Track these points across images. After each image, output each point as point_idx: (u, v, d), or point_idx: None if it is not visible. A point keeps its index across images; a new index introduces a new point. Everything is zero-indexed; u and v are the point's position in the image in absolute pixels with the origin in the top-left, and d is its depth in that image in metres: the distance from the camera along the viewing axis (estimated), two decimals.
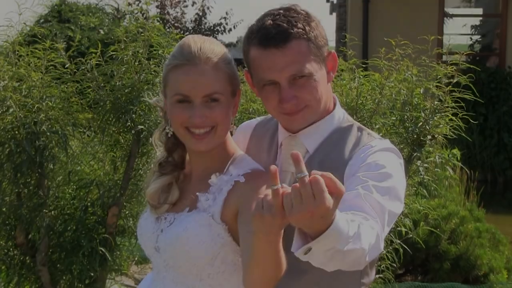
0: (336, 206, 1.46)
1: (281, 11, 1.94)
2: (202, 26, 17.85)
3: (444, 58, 10.14)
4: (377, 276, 3.93)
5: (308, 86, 1.91)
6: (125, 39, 3.59)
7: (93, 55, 3.60)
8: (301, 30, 1.90)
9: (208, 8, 17.93)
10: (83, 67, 3.64)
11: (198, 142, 1.93)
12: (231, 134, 2.09)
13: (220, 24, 17.96)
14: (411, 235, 3.90)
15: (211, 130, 1.93)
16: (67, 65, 3.65)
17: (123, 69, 3.58)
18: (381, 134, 3.55)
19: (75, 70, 3.66)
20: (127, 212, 3.77)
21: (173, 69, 1.93)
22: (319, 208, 1.41)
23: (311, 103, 1.94)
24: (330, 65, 2.00)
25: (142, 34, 3.59)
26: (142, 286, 2.16)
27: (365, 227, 1.61)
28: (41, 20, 11.98)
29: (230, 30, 18.00)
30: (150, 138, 2.64)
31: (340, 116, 2.05)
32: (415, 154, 3.67)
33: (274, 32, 1.89)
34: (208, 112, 1.91)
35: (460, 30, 15.46)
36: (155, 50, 3.62)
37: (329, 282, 1.75)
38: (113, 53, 3.60)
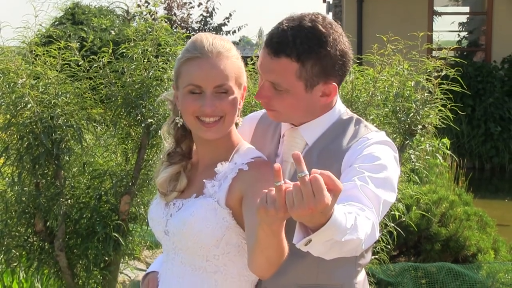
0: (335, 202, 1.48)
1: (290, 25, 1.89)
2: (207, 27, 17.81)
3: (434, 53, 10.10)
4: (373, 257, 3.93)
5: (279, 97, 1.91)
6: (134, 38, 3.59)
7: (105, 53, 3.60)
8: (294, 54, 1.86)
9: (213, 9, 17.90)
10: (96, 65, 3.63)
11: (208, 130, 1.94)
12: (237, 126, 2.09)
13: (224, 25, 17.92)
14: (404, 219, 3.90)
15: (220, 120, 1.94)
16: (80, 63, 3.65)
17: (133, 66, 3.58)
18: (375, 124, 3.54)
19: (88, 68, 3.65)
20: (138, 200, 3.77)
21: (187, 62, 1.95)
22: (318, 205, 1.43)
23: (278, 109, 1.95)
24: (325, 93, 1.95)
25: (150, 33, 3.59)
26: (154, 267, 2.17)
27: (361, 218, 1.61)
28: (56, 23, 11.96)
29: (234, 31, 17.95)
30: (159, 131, 2.65)
31: (341, 110, 2.03)
32: (407, 143, 3.68)
33: (275, 41, 1.88)
34: (218, 103, 1.92)
35: (448, 27, 15.46)
36: (163, 48, 3.61)
37: (328, 263, 1.74)
38: (124, 51, 3.60)
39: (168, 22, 15.16)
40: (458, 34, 15.70)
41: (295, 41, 1.85)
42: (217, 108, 1.92)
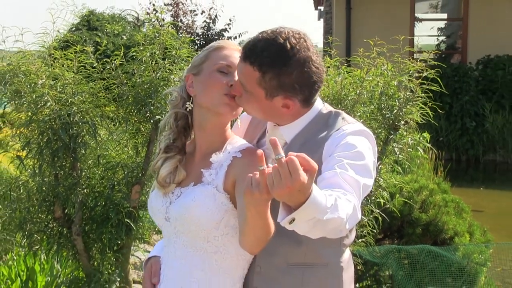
0: (311, 181, 1.48)
1: (266, 37, 1.86)
2: (210, 32, 17.77)
3: (415, 55, 10.10)
4: (360, 240, 3.94)
5: (246, 96, 1.92)
6: (143, 42, 3.58)
7: (117, 56, 3.59)
8: (257, 63, 1.84)
9: (216, 16, 17.85)
10: (109, 67, 3.63)
11: (231, 103, 1.95)
12: (232, 124, 2.11)
13: (225, 30, 17.88)
14: (388, 206, 3.90)
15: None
16: (95, 66, 3.64)
17: (142, 68, 3.57)
18: (362, 120, 3.54)
19: (102, 70, 3.65)
20: (148, 189, 3.76)
21: (218, 49, 2.01)
22: (295, 183, 1.44)
23: (245, 107, 1.98)
24: (286, 105, 1.90)
25: (157, 38, 3.58)
26: (154, 252, 2.15)
27: (342, 201, 1.61)
28: (73, 28, 11.94)
29: (235, 37, 17.90)
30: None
31: (319, 106, 1.99)
32: (391, 137, 3.67)
33: (247, 46, 1.88)
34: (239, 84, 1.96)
35: (428, 32, 15.50)
36: (169, 51, 3.60)
37: (314, 244, 1.74)
38: (134, 54, 3.60)
39: (174, 28, 15.13)
40: (437, 38, 15.74)
41: (262, 53, 1.83)
42: (240, 87, 1.94)
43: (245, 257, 1.95)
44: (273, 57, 1.83)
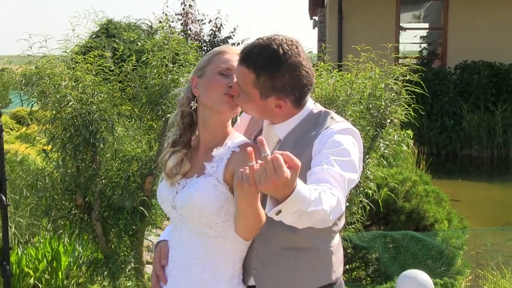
0: (295, 177, 1.47)
1: (261, 43, 1.85)
2: (216, 39, 17.74)
3: (400, 61, 10.09)
4: (350, 226, 3.93)
5: (242, 96, 1.90)
6: (153, 49, 3.57)
7: (131, 61, 3.58)
8: (252, 67, 1.83)
9: (221, 25, 17.83)
10: (125, 70, 3.62)
11: (231, 101, 1.94)
12: (233, 122, 2.09)
13: (229, 37, 17.85)
14: (375, 196, 3.90)
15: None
16: (112, 69, 3.63)
17: (155, 71, 3.56)
18: (352, 118, 3.53)
19: (119, 73, 3.64)
20: (159, 180, 3.76)
21: (219, 54, 1.99)
22: (279, 178, 1.44)
23: (242, 106, 1.95)
24: (278, 105, 1.89)
25: (167, 45, 3.57)
26: (163, 237, 2.15)
27: (327, 194, 1.60)
28: (93, 35, 11.90)
29: (238, 44, 17.87)
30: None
31: (310, 106, 1.96)
32: (378, 134, 3.66)
33: (244, 51, 1.87)
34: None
35: (412, 40, 15.48)
36: (178, 56, 3.59)
37: (306, 230, 1.72)
38: (145, 59, 3.59)
39: (183, 36, 15.10)
40: (420, 46, 15.73)
41: (257, 57, 1.82)
42: (238, 87, 1.93)
43: (244, 241, 1.94)
44: (267, 61, 1.82)
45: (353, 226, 3.94)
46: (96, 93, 3.51)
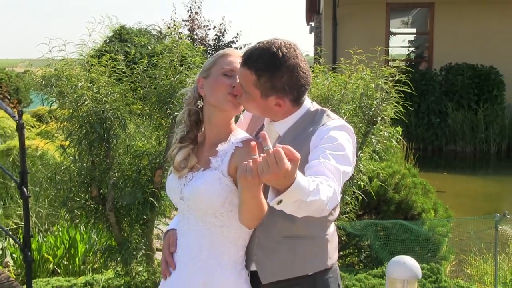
0: (295, 168, 1.47)
1: (262, 46, 1.83)
2: (220, 43, 17.72)
3: (390, 63, 10.08)
4: (344, 216, 3.92)
5: (245, 96, 1.89)
6: (164, 52, 3.56)
7: (142, 63, 3.57)
8: (253, 68, 1.81)
9: (225, 30, 17.80)
10: (136, 72, 3.61)
11: (234, 101, 1.93)
12: (237, 119, 2.08)
13: (233, 42, 17.82)
14: (367, 188, 3.89)
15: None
16: (124, 71, 3.62)
17: (164, 72, 3.55)
18: (345, 116, 3.51)
19: (130, 74, 3.62)
20: (168, 173, 3.75)
21: (223, 56, 1.98)
22: (281, 170, 1.44)
23: (244, 105, 1.95)
24: (278, 104, 1.87)
25: (175, 48, 3.55)
26: (172, 226, 2.15)
27: (324, 186, 1.59)
28: (107, 40, 11.87)
29: (241, 48, 17.84)
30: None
31: (307, 105, 1.95)
32: (369, 130, 3.65)
33: (246, 54, 1.86)
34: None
35: (400, 44, 15.50)
36: (185, 59, 3.58)
37: (304, 219, 1.72)
38: (155, 61, 3.58)
39: (190, 40, 15.08)
40: (408, 49, 15.75)
41: (258, 60, 1.81)
42: (241, 87, 1.92)
43: (246, 230, 1.93)
44: (267, 63, 1.81)
45: (346, 215, 3.93)
46: (109, 93, 3.50)
